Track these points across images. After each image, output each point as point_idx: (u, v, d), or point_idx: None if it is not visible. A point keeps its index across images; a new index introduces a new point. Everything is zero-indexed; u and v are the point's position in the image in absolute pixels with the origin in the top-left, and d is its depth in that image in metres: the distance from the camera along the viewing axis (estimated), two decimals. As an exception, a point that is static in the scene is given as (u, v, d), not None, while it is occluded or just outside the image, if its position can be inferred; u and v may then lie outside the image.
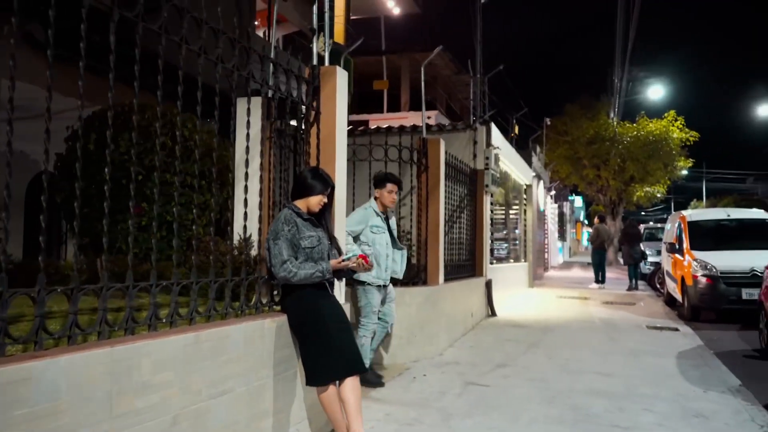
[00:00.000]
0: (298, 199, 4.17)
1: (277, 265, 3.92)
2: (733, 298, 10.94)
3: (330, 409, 4.05)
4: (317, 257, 4.07)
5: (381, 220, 6.16)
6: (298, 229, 4.02)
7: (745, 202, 41.67)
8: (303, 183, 4.19)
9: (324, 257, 4.12)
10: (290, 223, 4.01)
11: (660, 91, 34.45)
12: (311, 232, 4.09)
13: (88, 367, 2.56)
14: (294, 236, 3.99)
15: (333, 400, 4.04)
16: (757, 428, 4.94)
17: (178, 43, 3.33)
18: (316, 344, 4.02)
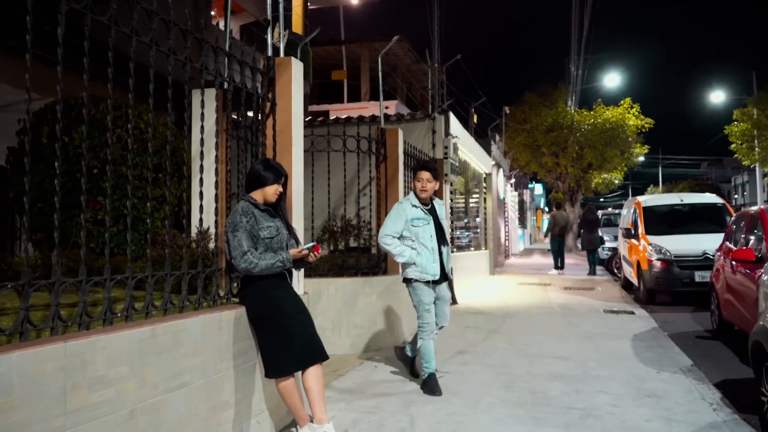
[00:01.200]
0: (253, 191, 4.16)
1: (237, 257, 3.92)
2: (687, 281, 11.22)
3: (290, 399, 4.09)
4: (276, 247, 4.08)
5: (422, 212, 5.68)
6: (256, 220, 4.02)
7: (699, 186, 42.75)
8: (256, 175, 4.16)
9: (283, 247, 4.13)
10: (248, 215, 4.00)
11: (616, 79, 35.00)
12: (269, 222, 4.09)
13: (41, 362, 2.54)
14: (252, 227, 3.99)
15: (292, 391, 4.08)
16: (706, 406, 5.11)
17: (128, 34, 3.29)
18: (275, 335, 4.04)
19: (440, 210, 5.86)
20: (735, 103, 34.30)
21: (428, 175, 5.63)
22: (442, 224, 5.81)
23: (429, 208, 5.74)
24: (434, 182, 5.66)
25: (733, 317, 7.70)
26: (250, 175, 4.22)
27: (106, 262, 3.22)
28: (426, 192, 5.64)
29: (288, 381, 4.08)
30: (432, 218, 5.70)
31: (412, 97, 26.99)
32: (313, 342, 4.13)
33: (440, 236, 5.72)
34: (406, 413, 4.98)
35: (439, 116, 11.73)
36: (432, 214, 5.73)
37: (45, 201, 5.40)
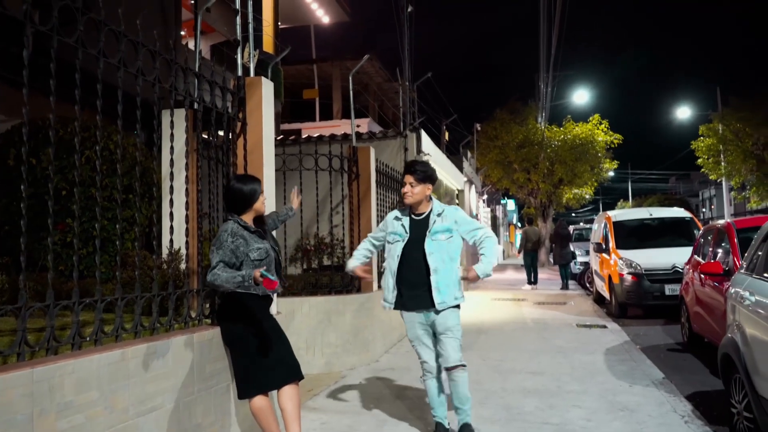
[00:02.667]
0: (242, 211, 4.07)
1: (210, 269, 3.80)
2: (657, 294, 11.37)
3: (264, 421, 4.03)
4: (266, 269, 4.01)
5: (401, 226, 4.75)
6: (246, 242, 3.95)
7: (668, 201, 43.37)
8: (242, 195, 4.05)
9: (272, 269, 4.09)
10: (236, 236, 3.92)
11: (584, 95, 35.43)
12: (259, 244, 4.03)
13: (7, 389, 2.49)
14: (238, 248, 3.90)
15: (267, 412, 4.03)
16: (678, 418, 5.15)
17: (95, 56, 3.27)
18: (249, 355, 4.00)
19: (440, 222, 4.67)
20: (701, 118, 34.96)
21: (410, 178, 4.68)
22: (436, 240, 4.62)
23: (420, 219, 4.73)
24: (420, 185, 4.67)
25: (703, 330, 7.80)
26: (234, 196, 4.07)
27: (75, 285, 3.17)
28: (410, 197, 4.69)
29: (262, 402, 4.02)
30: (410, 236, 4.67)
31: (384, 115, 27.11)
32: (287, 361, 4.09)
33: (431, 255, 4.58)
34: (381, 431, 4.96)
35: (410, 134, 11.80)
36: (418, 230, 4.68)
37: (12, 224, 5.32)
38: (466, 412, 4.65)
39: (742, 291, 4.92)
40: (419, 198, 4.70)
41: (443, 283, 4.56)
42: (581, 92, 35.43)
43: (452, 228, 4.66)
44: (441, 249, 4.59)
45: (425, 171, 4.73)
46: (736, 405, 4.63)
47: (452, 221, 4.68)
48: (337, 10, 20.52)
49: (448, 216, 4.71)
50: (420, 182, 4.68)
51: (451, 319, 4.60)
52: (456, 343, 4.58)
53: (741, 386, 4.49)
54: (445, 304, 4.55)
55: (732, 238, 7.52)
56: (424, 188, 4.70)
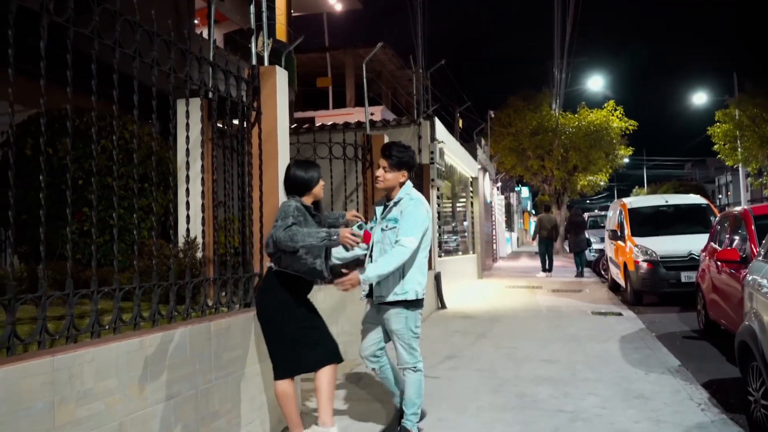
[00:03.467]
0: (301, 196, 4.23)
1: (280, 230, 3.89)
2: (673, 282, 11.32)
3: (286, 406, 4.13)
4: (316, 254, 4.10)
5: (377, 210, 4.63)
6: (306, 222, 4.08)
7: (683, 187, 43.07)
8: (302, 180, 4.23)
9: (321, 255, 4.15)
10: (302, 213, 4.08)
11: (599, 81, 35.19)
12: (315, 228, 4.15)
13: (28, 377, 2.52)
14: (300, 224, 4.02)
15: (290, 398, 4.14)
16: (694, 406, 5.14)
17: (111, 46, 3.29)
18: (291, 338, 4.12)
19: (393, 210, 4.40)
20: (717, 104, 34.59)
21: (384, 162, 4.42)
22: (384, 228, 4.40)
23: (388, 206, 4.49)
24: (393, 171, 4.40)
25: (720, 317, 7.76)
26: (294, 182, 4.24)
27: (93, 275, 3.20)
28: (381, 183, 4.47)
29: (286, 387, 4.12)
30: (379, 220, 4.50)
31: (398, 103, 27.05)
32: (325, 344, 4.21)
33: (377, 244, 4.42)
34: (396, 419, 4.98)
35: (424, 122, 11.77)
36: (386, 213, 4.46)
37: (30, 213, 5.37)
38: (408, 416, 4.41)
39: (759, 278, 4.89)
40: (391, 184, 4.44)
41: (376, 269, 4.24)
42: (596, 78, 35.24)
43: (398, 218, 4.33)
44: (384, 239, 4.36)
45: (401, 157, 4.40)
46: (753, 393, 4.61)
47: (399, 212, 4.34)
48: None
49: (400, 206, 4.37)
50: (393, 168, 4.39)
51: (394, 322, 4.32)
52: (404, 348, 4.34)
53: (758, 374, 4.47)
54: (382, 298, 4.30)
55: (749, 225, 7.46)
56: (398, 175, 4.41)
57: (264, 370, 4.53)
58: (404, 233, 4.22)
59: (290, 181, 4.26)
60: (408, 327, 4.33)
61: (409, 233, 4.23)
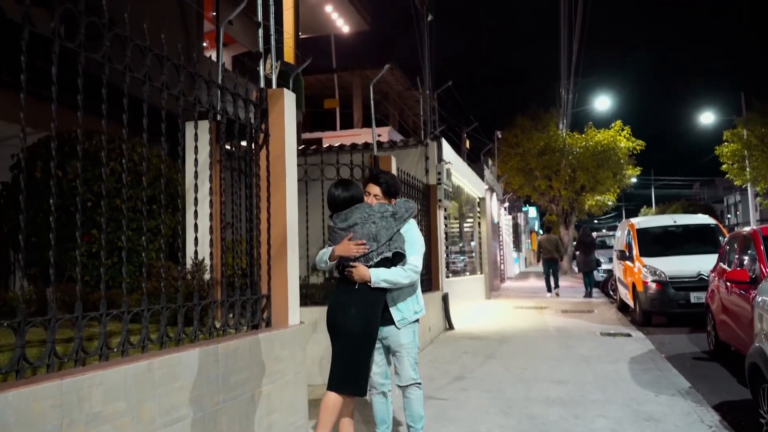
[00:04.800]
0: None
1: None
2: (682, 302, 11.24)
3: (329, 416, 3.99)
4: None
5: None
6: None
7: (692, 207, 42.90)
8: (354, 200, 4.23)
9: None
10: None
11: (606, 102, 35.18)
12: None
13: (37, 400, 2.53)
14: None
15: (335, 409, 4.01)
16: (705, 428, 5.09)
17: (122, 71, 3.33)
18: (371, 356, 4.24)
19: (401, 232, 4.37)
20: (725, 123, 34.57)
21: (375, 188, 4.43)
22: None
23: None
24: (385, 199, 4.43)
25: (730, 338, 7.70)
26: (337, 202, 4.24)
27: (102, 297, 3.21)
28: None
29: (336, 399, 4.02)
30: None
31: (405, 124, 27.17)
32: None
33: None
34: (405, 442, 4.95)
35: (431, 142, 11.80)
36: None
37: (39, 236, 5.40)
38: (418, 430, 4.47)
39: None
40: None
41: (400, 298, 4.38)
42: (603, 98, 35.20)
43: None
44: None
45: (392, 183, 4.51)
46: (764, 415, 4.57)
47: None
48: (357, 19, 20.60)
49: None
50: (386, 195, 4.42)
51: (404, 336, 4.37)
52: (410, 363, 4.38)
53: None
54: (405, 321, 4.37)
55: (758, 245, 7.43)
56: (386, 201, 4.42)
57: (271, 392, 4.52)
58: (410, 252, 4.28)
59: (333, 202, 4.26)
60: (415, 341, 4.44)
61: (413, 252, 4.32)
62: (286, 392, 4.77)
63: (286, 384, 4.77)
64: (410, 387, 4.40)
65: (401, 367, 4.39)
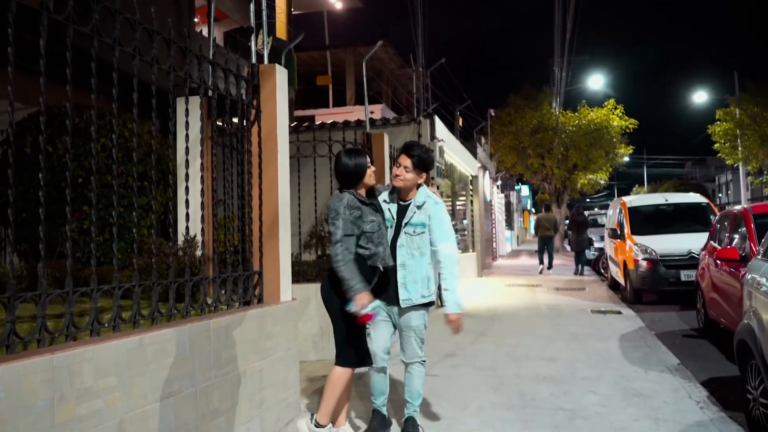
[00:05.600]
0: (352, 186, 4.19)
1: (332, 242, 4.05)
2: (673, 280, 11.32)
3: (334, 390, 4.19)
4: (377, 241, 4.18)
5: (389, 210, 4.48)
6: (362, 214, 4.11)
7: (683, 186, 43.04)
8: (352, 169, 4.17)
9: (383, 242, 4.23)
10: (353, 208, 4.08)
11: (600, 80, 35.13)
12: (373, 216, 4.19)
13: (28, 375, 2.52)
14: (356, 219, 4.07)
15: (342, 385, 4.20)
16: (693, 404, 5.15)
17: (110, 45, 3.29)
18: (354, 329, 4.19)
19: (418, 214, 4.41)
20: (717, 103, 34.55)
21: (407, 160, 4.35)
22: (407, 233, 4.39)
23: (403, 207, 4.47)
24: (414, 171, 4.36)
25: (719, 316, 7.76)
26: (346, 172, 4.19)
27: (93, 273, 3.20)
28: (400, 181, 4.39)
29: (346, 372, 4.22)
30: (396, 222, 4.44)
31: (398, 102, 27.04)
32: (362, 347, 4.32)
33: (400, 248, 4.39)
34: (396, 417, 4.98)
35: (424, 120, 11.76)
36: (399, 218, 4.44)
37: (29, 211, 5.37)
38: (415, 406, 4.56)
39: (758, 277, 4.89)
40: (410, 184, 4.41)
41: (410, 278, 4.35)
42: (596, 77, 35.16)
43: (426, 223, 4.39)
44: (411, 243, 4.38)
45: (424, 158, 4.39)
46: (752, 391, 4.61)
47: (427, 216, 4.39)
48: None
49: (426, 210, 4.41)
50: (415, 168, 4.35)
51: (414, 319, 4.39)
52: (417, 342, 4.45)
53: (757, 372, 4.47)
54: (410, 302, 4.34)
55: (749, 224, 7.47)
56: (417, 176, 4.39)
57: (263, 368, 4.54)
58: (443, 239, 4.38)
59: (340, 172, 4.22)
60: (424, 323, 4.47)
61: (448, 238, 4.41)
62: (278, 368, 4.79)
63: (277, 360, 4.79)
64: (414, 363, 4.48)
65: (407, 345, 4.45)
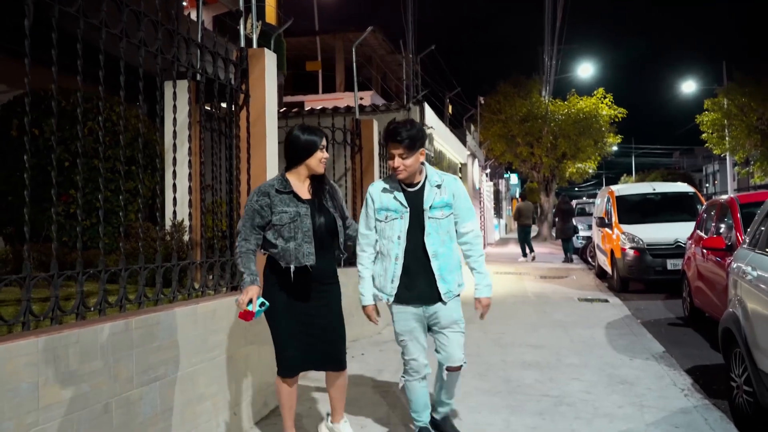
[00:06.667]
0: (295, 166, 3.74)
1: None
2: (659, 269, 11.39)
3: (280, 400, 3.90)
4: (288, 236, 3.61)
5: (395, 199, 3.86)
6: (271, 203, 3.62)
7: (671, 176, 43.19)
8: (299, 145, 3.69)
9: (296, 237, 3.61)
10: (262, 194, 3.65)
11: (589, 69, 35.18)
12: (287, 207, 3.63)
13: (12, 358, 2.51)
14: (263, 208, 3.62)
15: (281, 393, 3.86)
16: (677, 392, 5.19)
17: (97, 26, 3.25)
18: (274, 331, 3.78)
19: (440, 195, 3.87)
20: (706, 93, 34.69)
21: (398, 148, 3.72)
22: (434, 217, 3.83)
23: (414, 192, 3.88)
24: (412, 154, 3.74)
25: (704, 304, 7.83)
26: (292, 146, 3.72)
27: (78, 256, 3.19)
28: (403, 172, 3.79)
29: (280, 385, 3.84)
30: (410, 209, 3.83)
31: (388, 88, 26.96)
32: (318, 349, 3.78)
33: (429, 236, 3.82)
34: (383, 403, 5.01)
35: (414, 107, 11.75)
36: (414, 205, 3.85)
37: (15, 194, 5.33)
38: (451, 405, 4.28)
39: (744, 266, 4.93)
40: (413, 169, 3.82)
41: (446, 268, 3.89)
42: (586, 66, 35.22)
43: (451, 203, 3.89)
44: (440, 228, 3.85)
45: (413, 135, 3.74)
46: (735, 379, 4.66)
47: (450, 195, 3.89)
48: (341, -20, 20.29)
49: (447, 188, 3.90)
50: (409, 150, 3.73)
51: (455, 310, 3.96)
52: (462, 339, 4.01)
53: (741, 360, 4.52)
54: (451, 294, 3.93)
55: (735, 213, 7.52)
56: (416, 156, 3.78)
57: (250, 353, 4.54)
58: (468, 218, 3.96)
59: (287, 143, 3.76)
60: (462, 314, 4.04)
61: (473, 216, 4.01)
62: (265, 353, 4.79)
63: (264, 345, 4.79)
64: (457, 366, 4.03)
65: (450, 346, 3.95)
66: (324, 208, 3.77)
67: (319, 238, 3.71)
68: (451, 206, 3.88)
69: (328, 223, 3.77)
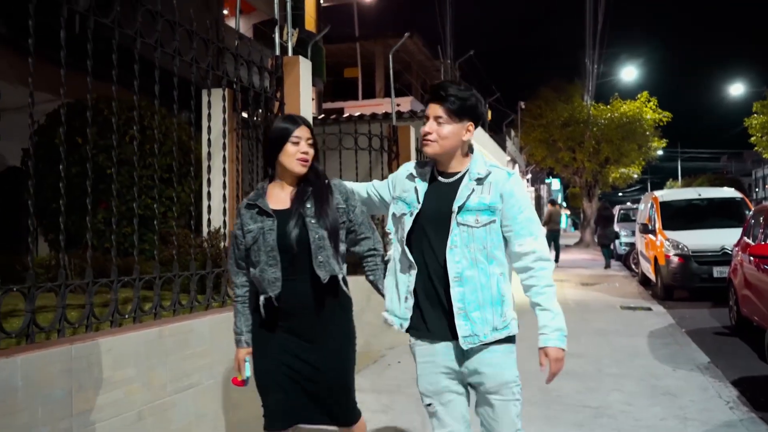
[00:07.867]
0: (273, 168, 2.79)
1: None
2: (705, 277, 11.10)
3: None
4: (255, 260, 2.70)
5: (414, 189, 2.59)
6: (242, 222, 2.75)
7: (718, 180, 42.24)
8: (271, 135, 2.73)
9: (261, 261, 2.67)
10: (237, 215, 2.82)
11: (633, 72, 34.66)
12: (253, 224, 2.71)
13: (46, 365, 2.55)
14: (238, 235, 2.77)
15: None
16: (722, 404, 5.04)
17: (132, 36, 3.30)
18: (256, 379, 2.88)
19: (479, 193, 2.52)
20: (754, 95, 33.75)
21: (438, 108, 2.51)
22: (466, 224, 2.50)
23: (448, 183, 2.57)
24: (454, 122, 2.50)
25: (752, 313, 7.59)
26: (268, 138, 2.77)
27: (113, 264, 3.23)
28: (431, 144, 2.53)
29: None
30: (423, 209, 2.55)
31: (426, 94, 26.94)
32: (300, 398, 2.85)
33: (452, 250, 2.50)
34: (418, 411, 4.96)
35: (452, 112, 11.67)
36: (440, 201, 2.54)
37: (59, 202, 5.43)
38: None
39: (791, 275, 4.76)
40: (449, 145, 2.54)
41: (473, 300, 2.56)
42: (629, 69, 34.69)
43: (496, 208, 2.54)
44: (471, 241, 2.52)
45: (464, 97, 2.52)
46: (783, 392, 4.51)
47: (497, 195, 2.53)
48: (380, -14, 20.38)
49: (494, 185, 2.54)
50: (453, 116, 2.50)
51: (507, 367, 2.68)
52: (516, 410, 2.65)
53: (789, 373, 4.36)
54: (475, 339, 2.56)
55: (784, 220, 7.29)
56: (460, 128, 2.53)
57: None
58: (527, 232, 2.59)
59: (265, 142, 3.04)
60: (517, 373, 2.73)
61: (535, 231, 2.62)
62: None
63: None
64: None
65: (500, 422, 2.61)
66: (301, 219, 2.69)
67: (291, 258, 2.68)
68: (496, 212, 2.53)
69: (302, 236, 2.68)
